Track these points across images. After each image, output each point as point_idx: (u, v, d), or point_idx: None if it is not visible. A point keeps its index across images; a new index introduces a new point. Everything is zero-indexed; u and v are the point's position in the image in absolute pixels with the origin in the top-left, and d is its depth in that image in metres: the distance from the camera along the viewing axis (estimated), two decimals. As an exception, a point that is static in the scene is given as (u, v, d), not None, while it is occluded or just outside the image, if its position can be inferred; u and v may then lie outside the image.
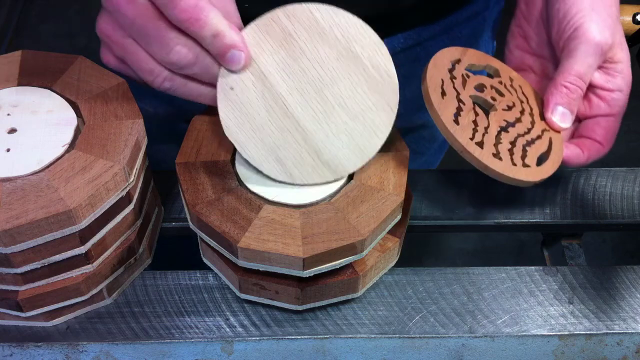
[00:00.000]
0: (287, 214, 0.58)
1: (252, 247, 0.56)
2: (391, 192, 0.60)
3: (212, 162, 0.61)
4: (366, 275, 0.63)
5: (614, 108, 0.68)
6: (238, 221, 0.58)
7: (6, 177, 0.57)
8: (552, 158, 0.67)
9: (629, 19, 1.01)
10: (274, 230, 0.57)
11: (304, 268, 0.57)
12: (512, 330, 0.64)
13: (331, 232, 0.57)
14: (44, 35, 2.34)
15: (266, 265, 0.58)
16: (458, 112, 0.64)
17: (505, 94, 0.69)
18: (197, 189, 0.60)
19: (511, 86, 0.70)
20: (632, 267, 0.68)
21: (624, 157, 2.00)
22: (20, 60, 0.65)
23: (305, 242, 0.57)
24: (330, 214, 0.59)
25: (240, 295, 0.63)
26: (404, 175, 0.62)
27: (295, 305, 0.62)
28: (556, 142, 0.68)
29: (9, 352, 0.62)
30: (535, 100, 0.70)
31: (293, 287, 0.60)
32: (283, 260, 0.57)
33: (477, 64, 0.70)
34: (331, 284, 0.61)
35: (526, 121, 0.68)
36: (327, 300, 0.63)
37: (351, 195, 0.60)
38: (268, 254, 0.57)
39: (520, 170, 0.64)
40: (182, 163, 0.61)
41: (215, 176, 0.61)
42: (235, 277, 0.62)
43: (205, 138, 0.63)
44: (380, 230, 0.60)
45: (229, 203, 0.59)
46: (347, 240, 0.57)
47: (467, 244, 0.68)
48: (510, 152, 0.65)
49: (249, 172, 0.61)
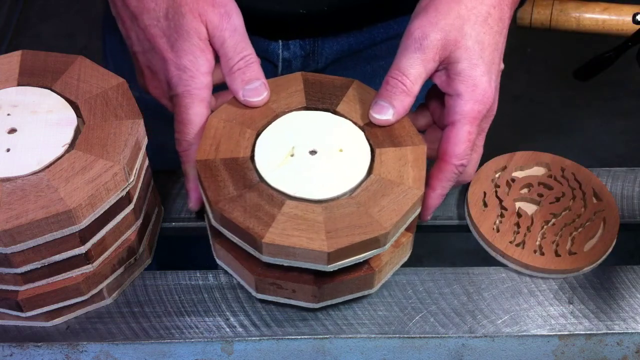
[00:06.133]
0: (310, 209, 0.59)
1: (277, 242, 0.57)
2: (411, 185, 0.60)
3: (231, 159, 0.61)
4: (381, 271, 0.63)
5: (453, 114, 0.63)
6: (261, 217, 0.58)
7: (6, 177, 0.57)
8: (603, 238, 0.69)
9: (629, 19, 1.01)
10: (297, 226, 0.57)
11: (328, 262, 0.57)
12: (512, 330, 0.64)
13: (354, 226, 0.58)
14: (44, 35, 2.34)
15: (290, 260, 0.58)
16: (499, 220, 0.70)
17: (554, 186, 0.72)
18: (219, 186, 0.60)
19: (562, 176, 0.73)
20: (632, 267, 0.68)
21: (624, 157, 2.01)
22: (20, 60, 0.65)
23: (329, 237, 0.57)
24: (352, 209, 0.59)
25: (256, 295, 0.63)
26: (423, 168, 0.62)
27: (311, 303, 0.62)
28: (610, 220, 0.70)
29: (9, 352, 0.62)
30: (589, 183, 0.72)
31: (310, 285, 0.61)
32: (307, 255, 0.57)
33: (525, 164, 0.74)
34: (347, 281, 0.61)
35: (576, 207, 0.71)
36: (342, 297, 0.63)
37: (371, 190, 0.60)
38: (293, 249, 0.57)
39: (564, 260, 0.67)
40: (201, 161, 0.61)
41: (236, 173, 0.61)
42: (251, 277, 0.62)
43: (223, 135, 0.63)
44: (401, 223, 0.60)
45: (251, 199, 0.59)
46: (371, 234, 0.57)
47: (467, 244, 0.68)
48: (556, 244, 0.68)
49: (269, 168, 0.61)
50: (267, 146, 0.62)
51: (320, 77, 0.67)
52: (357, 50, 0.84)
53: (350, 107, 0.65)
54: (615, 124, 2.11)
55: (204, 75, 0.64)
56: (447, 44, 0.62)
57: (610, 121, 2.12)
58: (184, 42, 0.63)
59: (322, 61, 0.83)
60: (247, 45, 0.64)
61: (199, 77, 0.63)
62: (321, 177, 0.61)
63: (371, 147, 0.63)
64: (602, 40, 1.04)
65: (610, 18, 1.04)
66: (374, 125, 0.64)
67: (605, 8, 1.05)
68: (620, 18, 1.03)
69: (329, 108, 0.65)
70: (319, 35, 0.81)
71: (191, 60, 0.63)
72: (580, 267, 0.67)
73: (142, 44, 0.65)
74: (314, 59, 0.82)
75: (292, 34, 0.79)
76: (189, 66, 0.63)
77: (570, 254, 0.67)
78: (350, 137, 0.63)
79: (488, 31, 0.63)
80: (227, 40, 0.64)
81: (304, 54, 0.81)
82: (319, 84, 0.67)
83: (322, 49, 0.82)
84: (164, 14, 0.63)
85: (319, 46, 0.81)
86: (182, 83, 0.63)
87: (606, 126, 2.11)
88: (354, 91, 0.66)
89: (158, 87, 0.67)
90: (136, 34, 0.66)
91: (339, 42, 0.82)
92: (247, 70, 0.64)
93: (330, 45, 0.82)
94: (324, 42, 0.81)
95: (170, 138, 0.67)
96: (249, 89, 0.64)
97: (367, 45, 0.84)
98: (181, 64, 0.63)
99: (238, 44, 0.64)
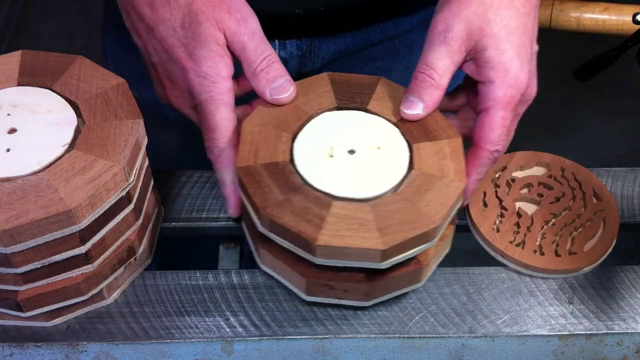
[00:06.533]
0: (358, 208, 0.59)
1: (331, 243, 0.57)
2: (453, 178, 0.61)
3: (272, 164, 0.61)
4: (428, 265, 0.63)
5: (486, 101, 0.63)
6: (311, 219, 0.58)
7: (6, 177, 0.57)
8: (603, 238, 0.69)
9: (629, 19, 1.01)
10: (348, 226, 0.57)
11: (382, 260, 0.57)
12: (512, 330, 0.64)
13: (404, 222, 0.58)
14: (44, 35, 2.34)
15: (344, 261, 0.58)
16: (499, 220, 0.70)
17: (554, 186, 0.72)
18: (264, 192, 0.59)
19: (562, 176, 0.73)
20: (632, 267, 0.68)
21: (624, 157, 2.01)
22: (20, 60, 0.65)
23: (382, 234, 0.57)
24: (400, 205, 0.59)
25: (306, 298, 0.63)
26: (462, 160, 0.62)
27: (363, 301, 0.62)
28: (610, 220, 0.70)
29: (9, 352, 0.62)
30: (589, 183, 0.72)
31: (362, 284, 0.61)
32: (362, 254, 0.57)
33: (525, 164, 0.74)
34: (397, 277, 0.62)
35: (577, 207, 0.71)
36: (392, 294, 0.63)
37: (415, 185, 0.60)
38: (347, 249, 0.57)
39: (564, 260, 0.67)
40: (242, 167, 0.61)
41: (279, 177, 0.60)
42: (302, 280, 0.61)
43: (260, 140, 0.62)
44: (448, 216, 0.60)
45: (298, 202, 0.59)
46: (422, 229, 0.58)
47: (467, 244, 0.67)
48: (556, 244, 0.68)
49: (311, 171, 0.61)
50: (305, 148, 0.62)
51: (347, 76, 0.67)
52: (354, 50, 0.84)
53: (381, 104, 0.65)
54: (615, 124, 2.11)
55: (225, 79, 0.64)
56: (472, 34, 0.62)
57: (610, 121, 2.12)
58: (202, 50, 0.63)
59: (319, 61, 0.83)
60: (267, 46, 0.64)
61: (221, 81, 0.63)
62: (363, 175, 0.61)
63: (408, 143, 0.63)
64: (602, 40, 1.04)
65: (610, 18, 1.04)
66: (407, 121, 0.64)
67: (605, 8, 1.05)
68: (620, 18, 1.03)
69: (360, 107, 0.65)
70: (315, 35, 0.81)
71: (211, 66, 0.63)
72: (580, 267, 0.67)
73: (160, 55, 0.65)
74: (310, 59, 0.82)
75: (289, 33, 0.79)
76: (210, 72, 0.63)
77: (570, 254, 0.67)
78: (385, 134, 0.64)
79: (514, 14, 0.62)
80: (247, 44, 0.64)
81: (301, 54, 0.81)
82: (346, 83, 0.67)
83: (319, 49, 0.82)
84: (180, 24, 0.63)
85: (315, 46, 0.81)
86: (205, 90, 0.63)
87: (606, 126, 2.11)
88: (382, 88, 0.66)
89: (180, 97, 0.67)
90: (153, 46, 0.66)
91: (335, 43, 0.82)
92: (270, 70, 0.64)
93: (327, 46, 0.82)
94: (320, 43, 0.81)
95: (169, 138, 0.67)
96: (274, 87, 0.64)
97: (364, 46, 0.84)
98: (201, 71, 0.63)
99: (258, 46, 0.64)
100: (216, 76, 0.63)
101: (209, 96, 0.63)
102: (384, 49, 0.85)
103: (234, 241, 0.76)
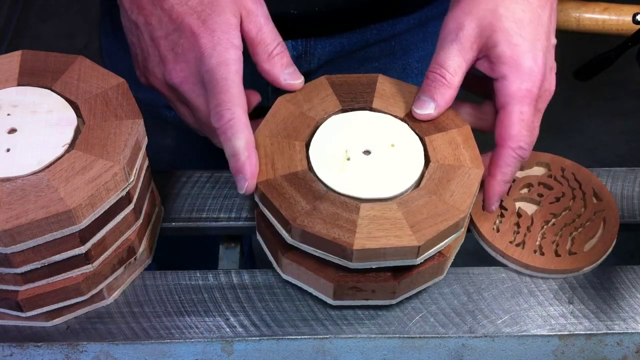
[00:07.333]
0: (386, 207, 0.59)
1: (367, 246, 0.56)
2: (470, 165, 0.61)
3: (291, 174, 0.61)
4: (450, 256, 0.64)
5: (502, 97, 0.62)
6: (343, 225, 0.57)
7: (6, 177, 0.57)
8: (603, 238, 0.69)
9: (629, 19, 1.01)
10: (380, 226, 0.57)
11: (418, 255, 0.58)
12: (512, 330, 0.64)
13: (434, 216, 0.58)
14: (44, 35, 2.34)
15: (379, 262, 0.58)
16: (499, 220, 0.70)
17: (554, 186, 0.72)
18: (290, 203, 0.59)
19: (562, 176, 0.73)
20: (632, 267, 0.68)
21: (624, 157, 2.01)
22: (20, 60, 0.65)
23: (415, 230, 0.57)
24: (426, 199, 0.59)
25: (333, 303, 0.63)
26: (475, 147, 0.62)
27: (390, 300, 0.63)
28: (610, 220, 0.70)
29: (9, 352, 0.62)
30: (589, 183, 0.72)
31: (390, 282, 0.61)
32: (398, 253, 0.57)
33: (525, 164, 0.73)
34: (423, 271, 0.62)
35: (576, 207, 0.71)
36: (416, 289, 0.64)
37: (436, 177, 0.61)
38: (383, 250, 0.57)
39: (564, 260, 0.67)
40: (263, 181, 0.60)
41: (301, 187, 0.60)
42: (329, 285, 0.61)
43: (275, 152, 0.62)
44: (471, 203, 0.60)
45: (326, 210, 0.58)
46: (452, 220, 0.58)
47: (467, 244, 0.67)
48: (556, 244, 0.68)
49: (332, 176, 0.61)
50: (320, 155, 0.62)
51: (345, 77, 0.67)
52: (350, 51, 0.84)
53: (384, 101, 0.66)
54: (615, 124, 2.11)
55: (237, 49, 0.62)
56: (483, 30, 0.62)
57: (610, 121, 2.12)
58: (217, 17, 0.61)
59: (315, 62, 0.82)
60: (279, 34, 0.64)
61: (234, 50, 0.61)
62: (383, 174, 0.61)
63: (419, 137, 0.63)
64: (602, 40, 1.04)
65: (610, 18, 1.05)
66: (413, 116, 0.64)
67: (605, 8, 1.05)
68: (620, 18, 1.03)
69: (365, 106, 0.65)
70: (311, 36, 0.80)
71: (225, 32, 0.61)
72: (580, 267, 0.67)
73: (166, 27, 0.63)
74: (306, 60, 0.82)
75: (284, 34, 0.79)
76: (223, 39, 0.61)
77: (570, 254, 0.67)
78: (396, 130, 0.64)
79: (527, 8, 0.62)
80: (263, 26, 0.63)
81: (296, 54, 0.81)
82: (346, 84, 0.67)
83: (315, 49, 0.81)
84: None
85: (311, 47, 0.81)
86: (217, 53, 0.61)
87: (606, 126, 2.11)
88: (382, 85, 0.66)
89: (184, 70, 0.64)
90: (159, 17, 0.64)
91: (331, 43, 0.82)
92: (284, 56, 0.64)
93: (322, 46, 0.82)
94: (316, 43, 0.81)
95: (167, 140, 0.67)
96: (288, 72, 0.64)
97: (360, 46, 0.84)
98: (215, 37, 0.61)
99: (272, 30, 0.64)
100: (229, 44, 0.61)
101: (220, 60, 0.61)
102: (380, 50, 0.85)
103: (234, 241, 0.76)
